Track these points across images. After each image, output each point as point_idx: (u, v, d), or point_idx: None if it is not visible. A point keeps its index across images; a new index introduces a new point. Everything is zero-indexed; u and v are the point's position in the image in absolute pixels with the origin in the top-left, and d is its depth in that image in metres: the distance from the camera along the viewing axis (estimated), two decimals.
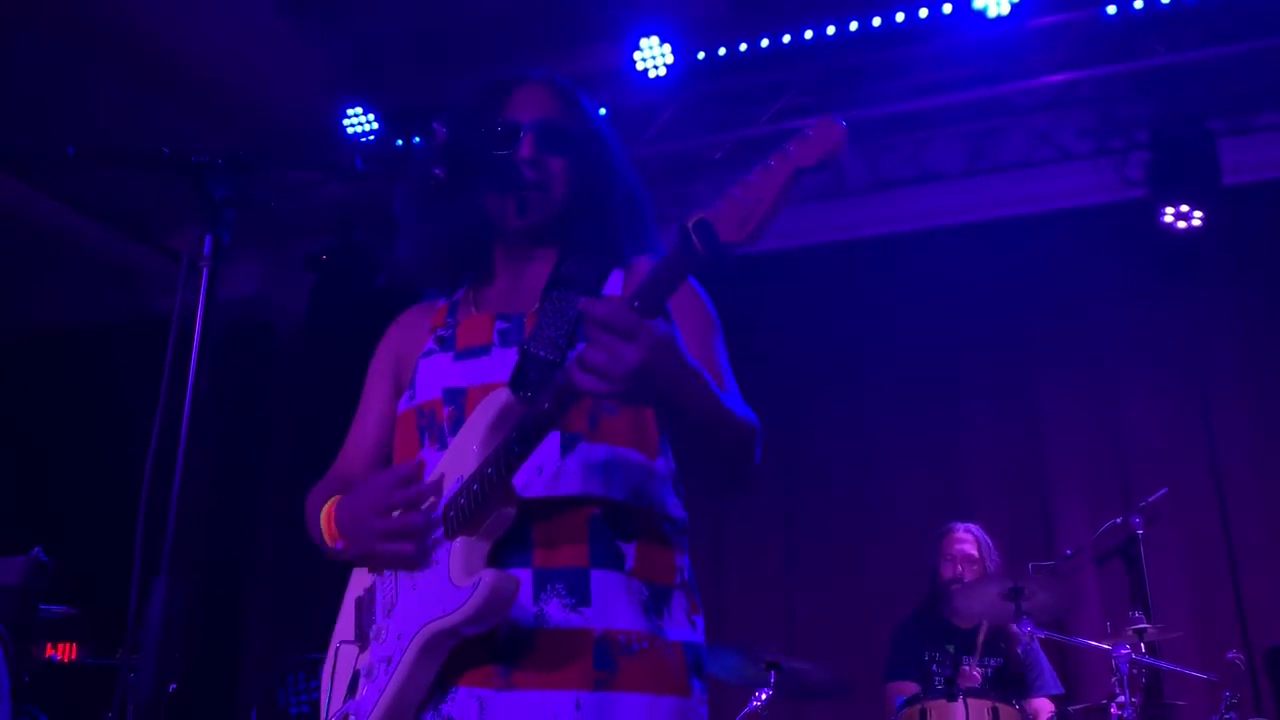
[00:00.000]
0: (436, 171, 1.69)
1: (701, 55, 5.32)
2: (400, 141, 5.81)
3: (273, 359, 6.78)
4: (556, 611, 1.58)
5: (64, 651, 4.54)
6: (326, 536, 1.72)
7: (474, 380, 1.72)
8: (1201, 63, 5.07)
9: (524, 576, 1.59)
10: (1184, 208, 5.15)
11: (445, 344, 1.80)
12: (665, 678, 1.60)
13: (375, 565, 1.70)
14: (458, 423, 1.68)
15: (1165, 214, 5.18)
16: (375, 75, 5.68)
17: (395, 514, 1.60)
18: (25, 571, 3.45)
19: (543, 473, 1.64)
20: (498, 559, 1.59)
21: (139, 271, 6.85)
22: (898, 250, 5.91)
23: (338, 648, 1.73)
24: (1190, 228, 5.16)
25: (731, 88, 5.48)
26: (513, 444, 1.52)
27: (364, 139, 5.75)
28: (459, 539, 1.57)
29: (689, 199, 5.58)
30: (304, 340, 6.49)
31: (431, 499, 1.60)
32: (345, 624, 1.75)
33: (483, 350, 1.75)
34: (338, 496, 1.73)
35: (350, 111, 5.73)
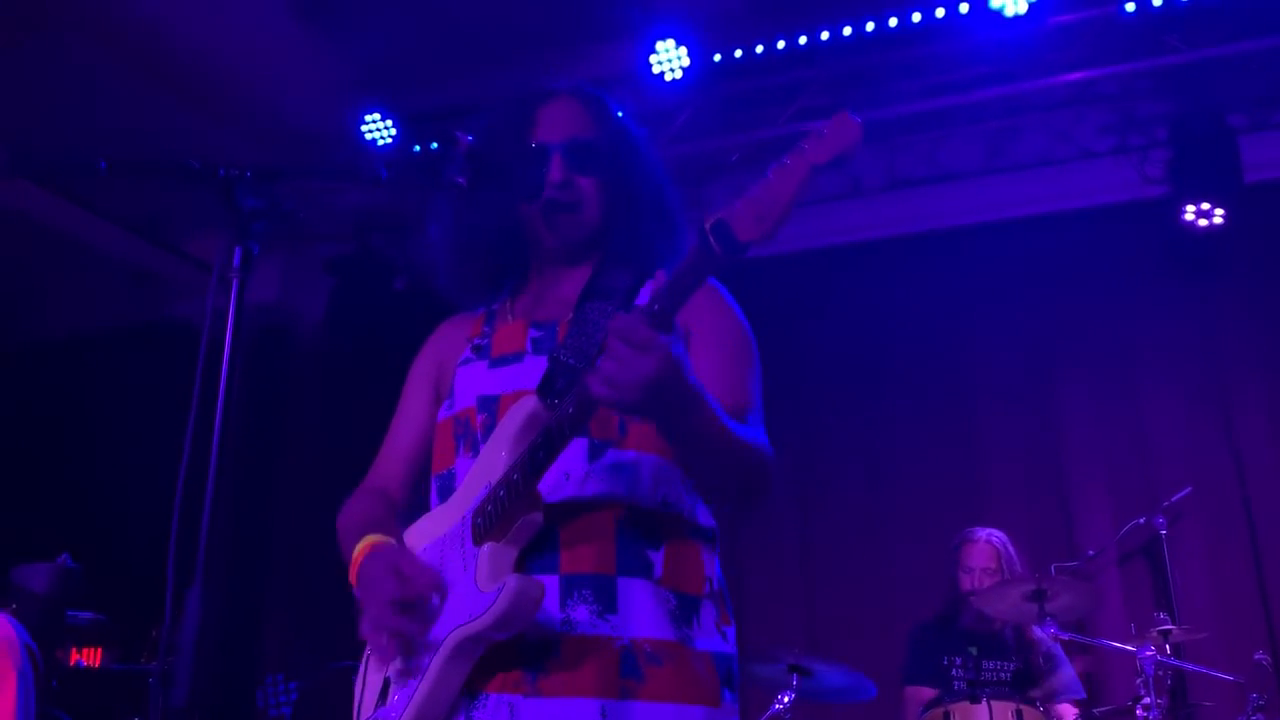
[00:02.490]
0: (460, 180, 1.69)
1: (718, 57, 5.31)
2: (418, 148, 5.82)
3: (291, 364, 6.81)
4: (583, 618, 1.58)
5: (89, 657, 4.58)
6: (350, 579, 1.71)
7: (507, 388, 1.73)
8: (1221, 59, 5.03)
9: (550, 582, 1.59)
10: (1205, 205, 5.12)
11: (481, 352, 1.82)
12: (694, 688, 1.60)
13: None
14: (490, 430, 1.69)
15: (1186, 212, 5.15)
16: (392, 81, 5.69)
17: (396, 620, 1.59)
18: (53, 578, 3.47)
19: (570, 478, 1.64)
20: (524, 564, 1.59)
21: (156, 276, 6.89)
22: (915, 250, 5.89)
23: (369, 655, 1.74)
24: (1211, 225, 5.13)
25: (748, 89, 5.47)
26: (537, 449, 1.53)
27: (382, 145, 5.76)
28: (486, 545, 1.58)
29: (706, 202, 5.57)
30: (323, 345, 6.52)
31: (427, 609, 1.60)
32: None
33: (515, 358, 1.77)
34: (368, 546, 1.69)
35: (368, 118, 5.75)
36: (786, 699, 4.17)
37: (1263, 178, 5.23)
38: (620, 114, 1.92)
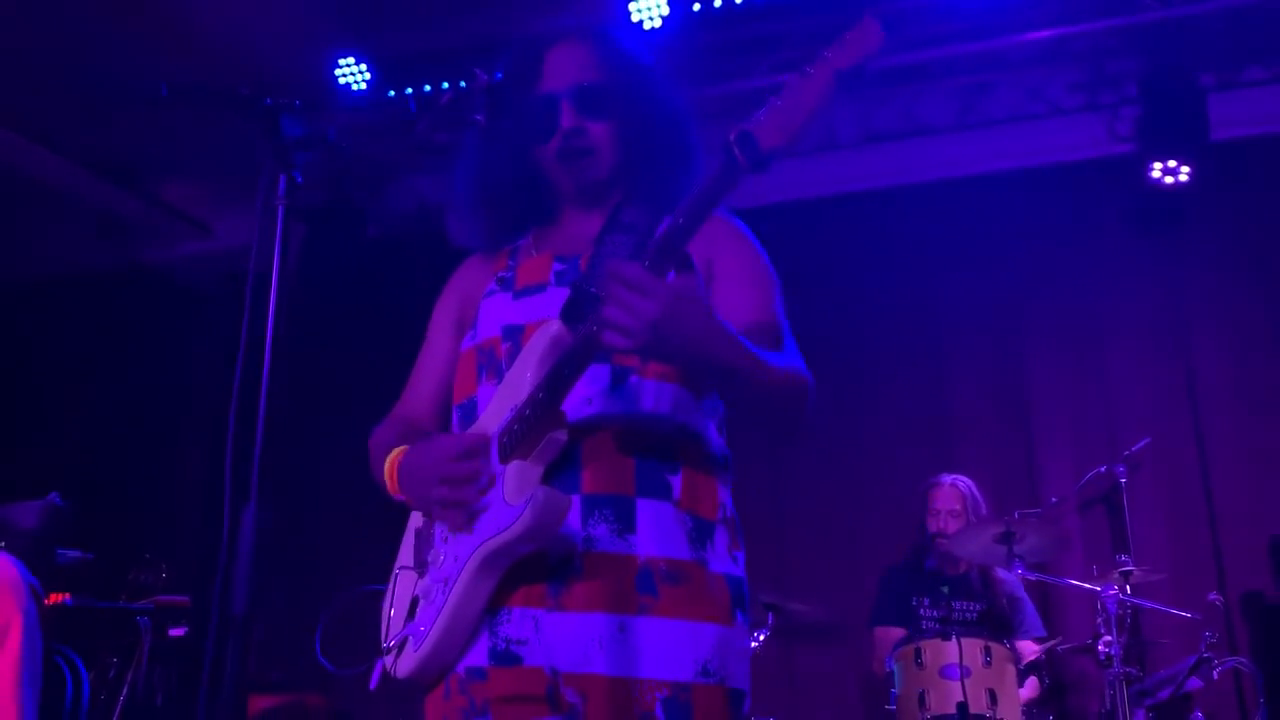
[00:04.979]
0: (478, 117, 1.72)
1: (697, 6, 5.29)
2: (393, 93, 5.76)
3: (266, 308, 6.79)
4: (603, 536, 1.64)
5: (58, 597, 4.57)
6: (389, 487, 1.79)
7: (531, 317, 1.77)
8: (1191, 17, 5.10)
9: (572, 501, 1.64)
10: (1172, 163, 5.22)
11: (505, 284, 1.86)
12: (708, 606, 1.66)
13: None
14: (515, 358, 1.73)
15: (1153, 169, 5.25)
16: (366, 25, 5.61)
17: (451, 485, 1.66)
18: (42, 516, 3.49)
19: (592, 402, 1.69)
20: (548, 483, 1.64)
21: (125, 221, 6.80)
22: (888, 204, 5.96)
23: (397, 574, 1.80)
24: (1178, 183, 5.24)
25: (727, 40, 5.46)
26: (561, 367, 1.58)
27: (356, 91, 5.70)
28: (513, 462, 1.63)
29: None
30: (298, 290, 6.49)
31: (487, 473, 1.66)
32: (405, 552, 1.82)
33: (539, 289, 1.81)
34: (403, 449, 1.78)
35: (342, 62, 5.68)
36: (761, 637, 4.30)
37: (1229, 135, 5.34)
38: (631, 50, 1.91)
